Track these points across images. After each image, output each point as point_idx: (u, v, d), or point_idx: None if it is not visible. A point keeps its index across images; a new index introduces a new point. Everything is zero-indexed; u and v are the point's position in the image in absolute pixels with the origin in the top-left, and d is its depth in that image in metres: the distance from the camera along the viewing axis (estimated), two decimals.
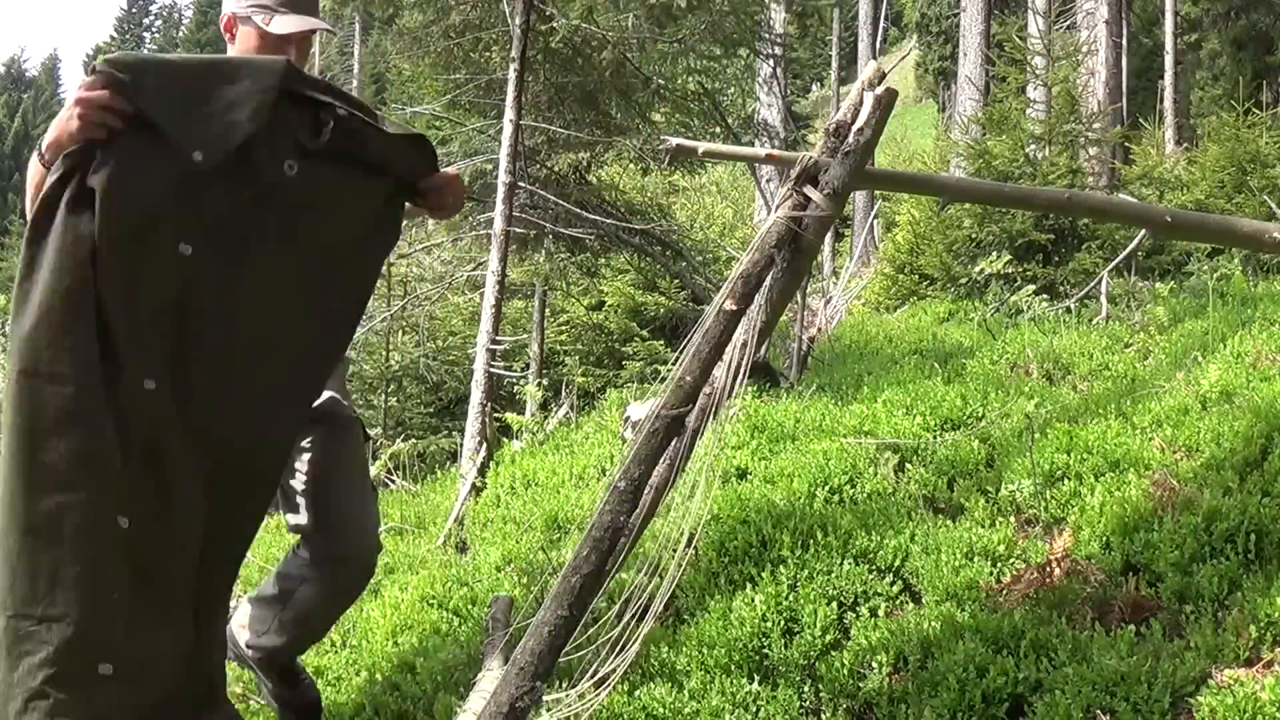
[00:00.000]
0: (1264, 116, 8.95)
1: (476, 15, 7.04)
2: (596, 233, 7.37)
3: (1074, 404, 4.33)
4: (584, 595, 2.17)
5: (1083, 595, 2.78)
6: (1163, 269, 7.97)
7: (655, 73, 6.96)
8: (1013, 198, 4.29)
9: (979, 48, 13.71)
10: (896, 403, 4.49)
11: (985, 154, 8.66)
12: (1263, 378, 4.03)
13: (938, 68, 34.41)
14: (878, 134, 2.09)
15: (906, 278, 9.63)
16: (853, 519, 3.30)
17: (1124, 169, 10.20)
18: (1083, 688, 2.29)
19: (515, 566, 3.62)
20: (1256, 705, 2.14)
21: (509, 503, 4.48)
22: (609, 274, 10.86)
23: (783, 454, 4.11)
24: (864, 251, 14.78)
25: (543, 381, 9.46)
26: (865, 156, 2.09)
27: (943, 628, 2.67)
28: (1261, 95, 12.69)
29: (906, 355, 6.06)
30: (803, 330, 6.17)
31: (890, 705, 2.48)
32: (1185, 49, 19.91)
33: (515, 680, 2.12)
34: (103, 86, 1.87)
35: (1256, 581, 2.61)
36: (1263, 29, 18.88)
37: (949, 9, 30.79)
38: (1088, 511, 3.17)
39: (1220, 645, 2.42)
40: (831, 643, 2.72)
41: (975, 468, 3.72)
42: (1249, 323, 5.07)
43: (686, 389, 2.24)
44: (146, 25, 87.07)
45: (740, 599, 2.89)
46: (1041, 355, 5.39)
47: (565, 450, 5.14)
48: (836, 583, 2.96)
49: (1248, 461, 3.25)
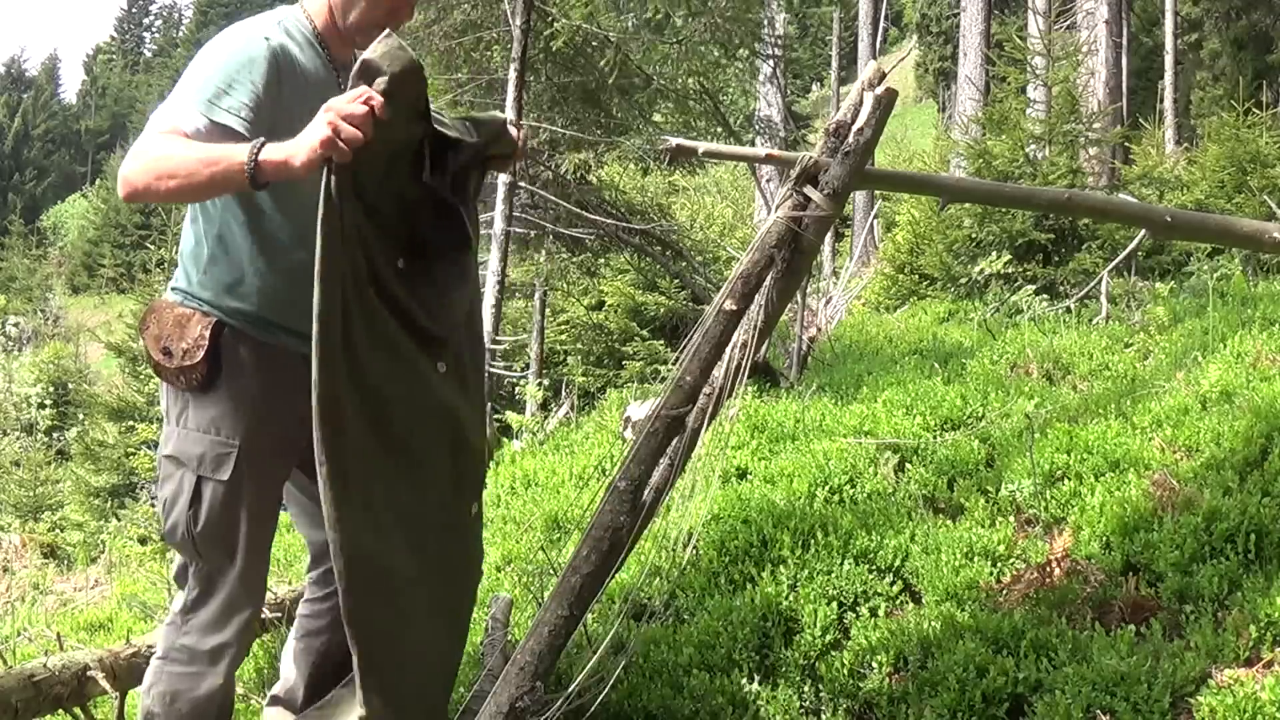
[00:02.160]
0: (1264, 116, 8.95)
1: (477, 15, 7.05)
2: (597, 233, 7.38)
3: (1074, 404, 4.33)
4: (584, 595, 2.17)
5: (1083, 595, 2.78)
6: (1163, 269, 7.97)
7: (656, 73, 6.97)
8: (1013, 198, 4.29)
9: (979, 48, 13.70)
10: (896, 403, 4.49)
11: (985, 154, 8.66)
12: (1263, 378, 4.03)
13: (938, 68, 34.42)
14: (878, 134, 2.09)
15: (906, 278, 9.63)
16: (853, 519, 3.30)
17: (1124, 169, 10.19)
18: (1083, 688, 2.29)
19: (515, 566, 3.62)
20: (1256, 705, 2.14)
21: (509, 503, 4.48)
22: (609, 274, 10.87)
23: (783, 454, 4.11)
24: (864, 251, 14.77)
25: (543, 381, 9.47)
26: (865, 156, 2.10)
27: (943, 628, 2.67)
28: (1261, 95, 12.69)
29: (906, 355, 6.06)
30: (803, 330, 6.17)
31: (890, 705, 2.48)
32: (1185, 49, 19.90)
33: (515, 680, 2.12)
34: (365, 104, 1.89)
35: (1256, 581, 2.61)
36: (1263, 29, 18.88)
37: (949, 9, 30.79)
38: (1088, 511, 3.17)
39: (1220, 645, 2.42)
40: (831, 643, 2.72)
41: (975, 468, 3.72)
42: (1249, 323, 5.07)
43: (686, 389, 2.25)
44: (146, 25, 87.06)
45: (740, 599, 2.89)
46: (1041, 355, 5.39)
47: (565, 450, 5.14)
48: (836, 583, 2.96)
49: (1248, 461, 3.25)
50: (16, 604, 6.47)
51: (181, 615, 2.24)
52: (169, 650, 2.25)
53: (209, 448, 2.16)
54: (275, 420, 2.20)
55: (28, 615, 5.68)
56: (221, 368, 2.16)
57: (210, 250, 2.18)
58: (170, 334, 2.17)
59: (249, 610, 2.25)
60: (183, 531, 2.18)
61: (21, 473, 13.90)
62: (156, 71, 73.85)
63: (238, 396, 2.17)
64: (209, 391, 2.16)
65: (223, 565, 2.20)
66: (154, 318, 2.20)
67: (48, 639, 3.72)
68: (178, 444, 2.20)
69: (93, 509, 11.14)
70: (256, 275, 2.17)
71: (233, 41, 2.12)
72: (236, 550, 2.19)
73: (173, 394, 2.21)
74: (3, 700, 2.41)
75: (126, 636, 3.08)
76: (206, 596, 2.22)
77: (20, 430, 18.19)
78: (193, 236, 2.21)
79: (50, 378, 18.78)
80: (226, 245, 2.17)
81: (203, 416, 2.17)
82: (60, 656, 2.65)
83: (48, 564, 9.53)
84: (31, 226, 50.41)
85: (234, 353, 2.17)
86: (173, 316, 2.18)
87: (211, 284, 2.18)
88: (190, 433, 2.18)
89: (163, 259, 15.28)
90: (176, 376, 2.16)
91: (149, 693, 2.25)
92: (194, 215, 2.21)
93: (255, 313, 2.18)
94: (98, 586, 6.81)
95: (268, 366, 2.19)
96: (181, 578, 2.26)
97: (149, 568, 6.41)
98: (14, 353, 26.05)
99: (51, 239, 50.68)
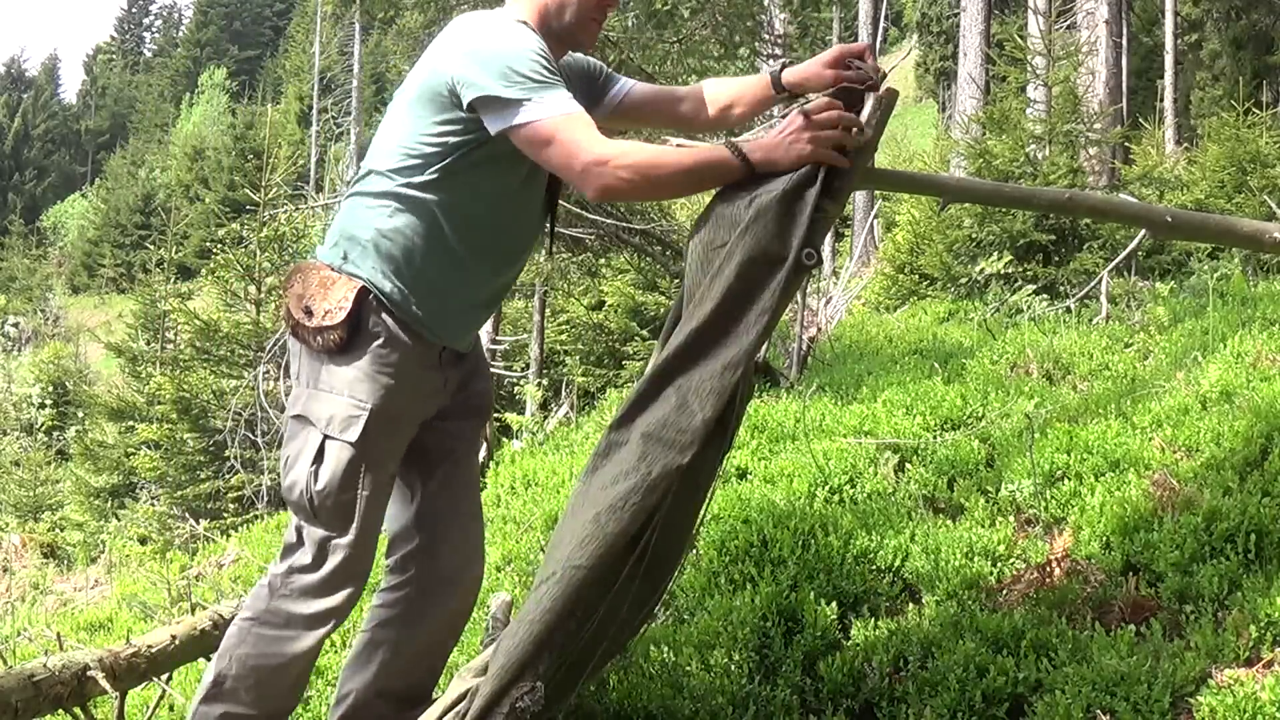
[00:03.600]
0: (1264, 116, 8.97)
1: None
2: (597, 233, 7.37)
3: (1074, 404, 4.33)
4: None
5: (1083, 595, 2.78)
6: (1163, 269, 7.98)
7: (657, 72, 6.96)
8: (1013, 198, 4.28)
9: (979, 48, 13.71)
10: (896, 403, 4.49)
11: (985, 154, 8.66)
12: (1263, 378, 4.03)
13: (938, 68, 34.41)
14: (878, 134, 2.09)
15: (906, 278, 9.64)
16: (853, 519, 3.30)
17: (1124, 169, 10.20)
18: (1083, 688, 2.28)
19: (515, 566, 3.62)
20: (1256, 705, 2.14)
21: (509, 503, 4.48)
22: (609, 274, 10.87)
23: (783, 454, 4.11)
24: (864, 251, 14.78)
25: (543, 381, 9.47)
26: (865, 156, 2.09)
27: (943, 628, 2.67)
28: (1261, 95, 12.71)
29: (906, 355, 6.06)
30: (803, 330, 6.17)
31: (890, 705, 2.48)
32: (1185, 49, 19.91)
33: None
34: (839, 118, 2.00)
35: (1256, 581, 2.61)
36: (1263, 29, 18.88)
37: (949, 9, 30.78)
38: (1088, 511, 3.17)
39: (1220, 645, 2.42)
40: (831, 643, 2.72)
41: (975, 468, 3.72)
42: (1249, 323, 5.08)
43: None
44: (146, 25, 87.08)
45: (740, 599, 2.89)
46: (1041, 355, 5.39)
47: (565, 450, 5.14)
48: (836, 583, 2.96)
49: (1248, 461, 3.24)
50: (16, 604, 6.48)
51: (283, 578, 2.20)
52: (262, 613, 2.21)
53: (339, 408, 2.14)
54: (408, 393, 2.19)
55: (28, 615, 5.69)
56: (360, 331, 2.14)
57: (393, 252, 2.15)
58: (314, 294, 2.15)
59: (358, 580, 2.22)
60: (301, 489, 2.15)
61: (21, 473, 13.90)
62: (156, 71, 73.84)
63: (375, 362, 2.14)
64: (345, 354, 2.14)
65: (338, 530, 2.17)
66: (299, 276, 2.19)
67: (48, 639, 3.73)
68: (306, 404, 2.18)
69: (93, 509, 11.14)
70: (436, 295, 2.18)
71: (518, 30, 2.11)
72: (354, 515, 2.17)
73: (307, 355, 2.19)
74: (3, 700, 2.41)
75: (126, 636, 3.08)
76: (319, 562, 2.18)
77: (20, 430, 18.18)
78: (373, 229, 2.16)
79: (50, 378, 18.77)
80: (418, 257, 2.16)
81: (337, 379, 2.15)
82: (60, 656, 2.64)
83: (48, 564, 9.54)
84: (31, 226, 50.50)
85: (377, 318, 2.15)
86: (318, 277, 2.17)
87: (377, 270, 2.15)
88: (321, 394, 2.16)
89: (163, 259, 15.29)
90: (314, 336, 2.14)
91: (227, 655, 2.22)
92: (391, 211, 2.16)
93: (414, 311, 2.17)
94: (98, 586, 6.81)
95: (408, 341, 2.17)
96: (293, 545, 2.22)
97: (149, 568, 6.41)
98: (14, 353, 26.08)
99: (51, 239, 50.73)
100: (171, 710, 3.01)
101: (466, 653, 3.01)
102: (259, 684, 2.21)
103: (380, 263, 2.15)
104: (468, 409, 2.39)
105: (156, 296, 13.05)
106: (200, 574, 5.57)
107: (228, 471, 9.36)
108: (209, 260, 11.88)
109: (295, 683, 2.28)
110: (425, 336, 2.19)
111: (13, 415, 18.76)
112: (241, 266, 10.29)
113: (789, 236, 1.97)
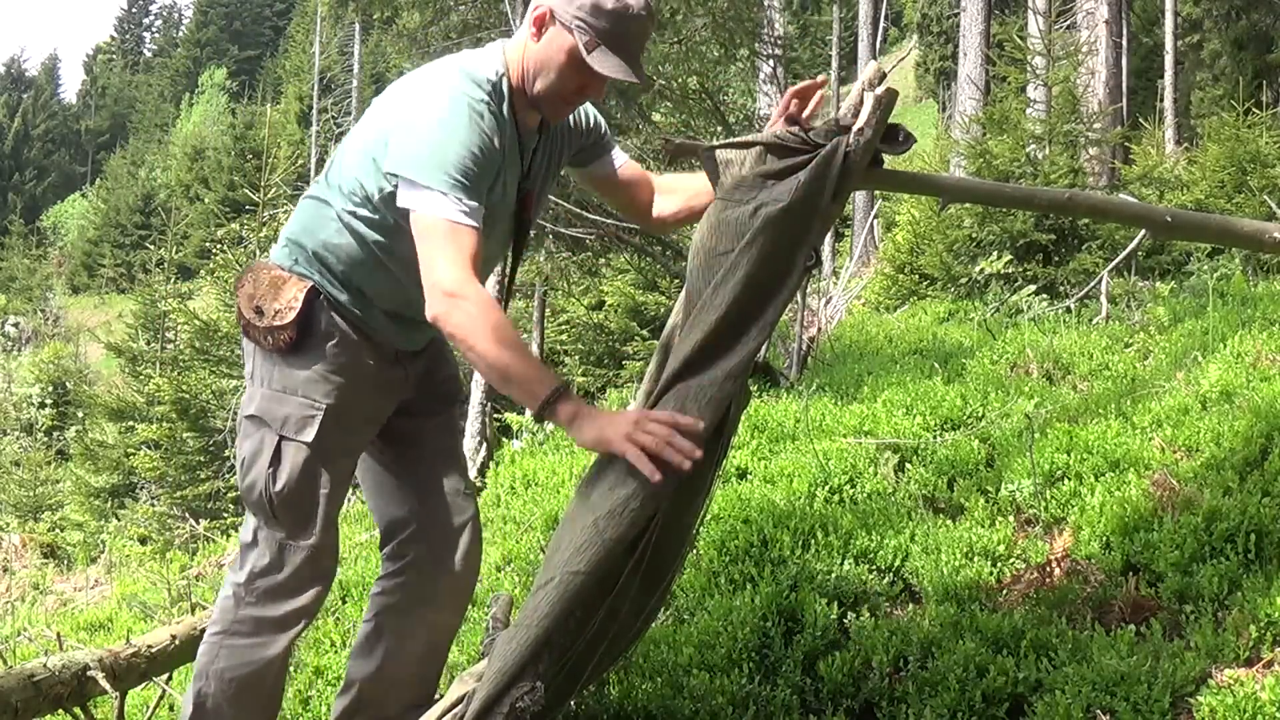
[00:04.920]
0: (1264, 116, 8.97)
1: (475, 16, 7.04)
2: (597, 232, 7.36)
3: (1074, 404, 4.33)
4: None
5: (1083, 595, 2.78)
6: (1163, 269, 7.98)
7: (657, 72, 6.96)
8: (1013, 198, 4.28)
9: (979, 48, 13.70)
10: (896, 403, 4.49)
11: (985, 154, 8.66)
12: (1263, 378, 4.03)
13: (938, 68, 34.42)
14: (878, 134, 2.08)
15: (906, 278, 9.63)
16: (853, 519, 3.30)
17: (1124, 169, 10.20)
18: (1083, 688, 2.28)
19: (515, 566, 3.62)
20: (1256, 705, 2.14)
21: (509, 502, 4.48)
22: (609, 274, 10.86)
23: (783, 454, 4.11)
24: (864, 251, 14.78)
25: None
26: (865, 156, 2.09)
27: (943, 628, 2.67)
28: (1261, 95, 12.71)
29: (906, 355, 6.06)
30: (803, 330, 6.17)
31: (890, 705, 2.47)
32: (1185, 49, 19.90)
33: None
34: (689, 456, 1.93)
35: (1256, 581, 2.61)
36: (1263, 29, 18.87)
37: (949, 9, 30.79)
38: (1088, 511, 3.17)
39: (1220, 645, 2.42)
40: (831, 643, 2.72)
41: (975, 468, 3.72)
42: (1249, 323, 5.08)
43: None
44: (146, 25, 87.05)
45: (740, 599, 2.89)
46: (1041, 355, 5.39)
47: (565, 450, 5.14)
48: (836, 583, 2.96)
49: (1248, 461, 3.24)
50: (16, 604, 6.48)
51: (246, 585, 2.21)
52: (231, 625, 2.22)
53: (294, 409, 2.15)
54: (363, 391, 2.20)
55: (28, 615, 5.69)
56: (312, 331, 2.15)
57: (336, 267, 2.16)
58: (265, 294, 2.16)
59: (324, 579, 2.24)
60: (260, 490, 2.17)
61: (21, 473, 13.89)
62: (156, 71, 73.84)
63: (328, 362, 2.16)
64: (297, 354, 2.15)
65: (297, 530, 2.18)
66: (250, 276, 2.20)
67: (48, 639, 3.73)
68: (261, 404, 2.19)
69: (93, 509, 11.14)
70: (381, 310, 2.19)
71: (462, 116, 2.01)
72: (314, 515, 2.18)
73: (260, 355, 2.20)
74: (3, 700, 2.41)
75: (126, 636, 3.08)
76: (278, 564, 2.19)
77: (20, 430, 18.17)
78: (319, 240, 2.17)
79: (50, 378, 18.76)
80: (360, 277, 2.17)
81: (290, 378, 2.16)
82: (60, 656, 2.64)
83: (48, 564, 9.52)
84: (31, 226, 50.48)
85: (327, 318, 2.16)
86: (269, 277, 2.18)
87: (324, 278, 2.17)
88: (275, 394, 2.17)
89: (163, 259, 15.29)
90: (265, 336, 2.15)
91: (204, 674, 2.22)
92: (338, 229, 2.15)
93: (361, 316, 2.19)
94: (98, 586, 6.81)
95: (360, 341, 2.19)
96: (249, 545, 2.22)
97: (149, 568, 6.41)
98: (14, 353, 26.07)
99: (51, 239, 50.74)
100: (171, 710, 3.01)
101: (467, 653, 3.01)
102: (239, 695, 2.23)
103: (325, 271, 2.17)
104: (437, 396, 2.41)
105: (156, 296, 13.04)
106: (200, 574, 5.58)
107: (228, 471, 9.37)
108: (209, 260, 11.89)
109: (274, 687, 2.29)
110: (374, 338, 2.21)
111: (13, 415, 18.75)
112: (241, 266, 10.29)
113: (796, 254, 1.97)
